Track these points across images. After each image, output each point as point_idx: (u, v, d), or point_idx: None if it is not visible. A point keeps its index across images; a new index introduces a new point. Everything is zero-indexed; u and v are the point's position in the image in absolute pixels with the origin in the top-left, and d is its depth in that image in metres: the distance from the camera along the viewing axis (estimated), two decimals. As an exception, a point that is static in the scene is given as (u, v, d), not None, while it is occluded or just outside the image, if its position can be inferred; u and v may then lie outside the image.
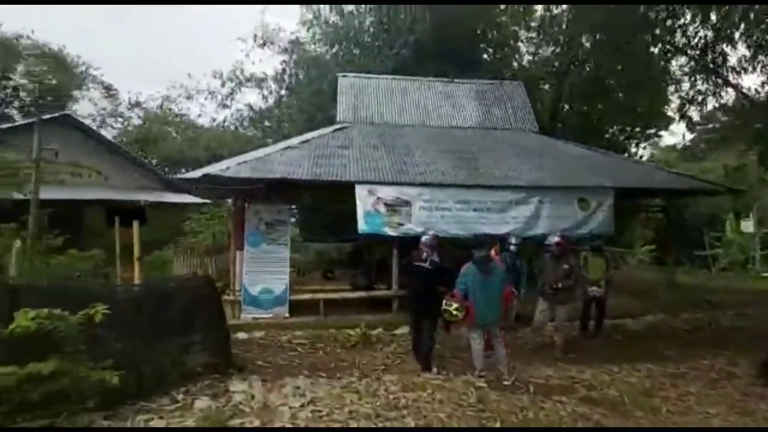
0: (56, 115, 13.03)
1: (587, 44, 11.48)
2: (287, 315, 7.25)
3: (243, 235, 7.40)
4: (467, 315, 4.34)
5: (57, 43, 26.01)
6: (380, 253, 8.68)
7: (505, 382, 4.37)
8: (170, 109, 20.86)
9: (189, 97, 17.80)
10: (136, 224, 5.72)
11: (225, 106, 18.57)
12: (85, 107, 26.74)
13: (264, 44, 17.46)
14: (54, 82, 25.30)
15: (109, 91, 28.86)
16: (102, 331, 3.02)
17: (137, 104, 28.68)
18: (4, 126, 12.97)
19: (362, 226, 6.72)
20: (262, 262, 7.38)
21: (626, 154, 15.34)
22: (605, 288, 6.21)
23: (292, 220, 12.43)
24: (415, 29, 13.43)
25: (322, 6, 15.82)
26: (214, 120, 19.04)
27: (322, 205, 10.19)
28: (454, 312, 4.21)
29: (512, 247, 6.43)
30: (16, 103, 26.30)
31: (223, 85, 18.02)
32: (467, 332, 4.77)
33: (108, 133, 23.05)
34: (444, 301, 4.29)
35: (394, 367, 5.01)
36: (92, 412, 2.93)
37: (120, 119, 27.62)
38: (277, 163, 7.14)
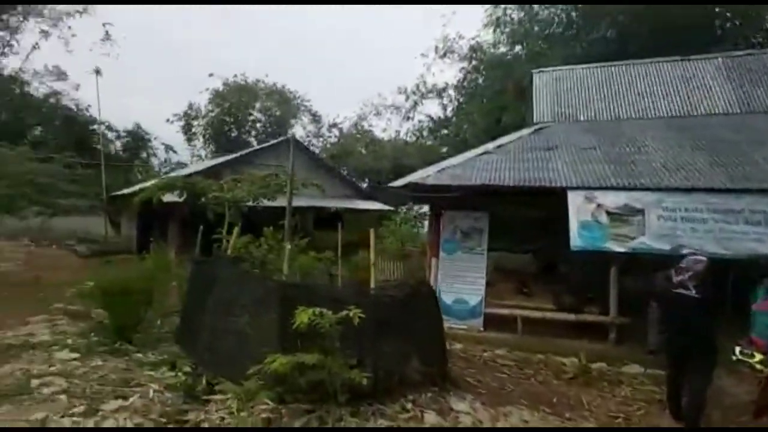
0: (283, 138, 15.98)
1: None
2: (482, 328, 6.88)
3: (439, 242, 7.40)
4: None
5: (281, 82, 32.54)
6: (582, 268, 7.47)
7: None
8: (362, 126, 23.34)
9: (377, 114, 19.50)
10: (370, 231, 6.22)
11: (408, 118, 19.74)
12: (298, 131, 32.73)
13: (444, 54, 17.83)
14: (278, 113, 31.98)
15: (314, 117, 34.80)
16: (348, 331, 3.19)
17: (334, 125, 33.69)
18: (249, 150, 16.65)
19: (575, 240, 5.79)
20: (457, 270, 7.22)
21: None
22: None
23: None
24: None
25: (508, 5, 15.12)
26: (398, 132, 20.37)
27: (508, 213, 9.54)
28: (758, 366, 3.01)
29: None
30: (253, 132, 33.97)
31: (406, 99, 19.25)
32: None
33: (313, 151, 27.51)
34: (738, 350, 3.13)
35: (638, 419, 4.00)
36: (342, 406, 3.09)
37: (321, 139, 32.98)
38: (476, 170, 6.88)
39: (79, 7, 25.29)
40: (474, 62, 17.82)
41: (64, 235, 20.67)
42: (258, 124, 32.81)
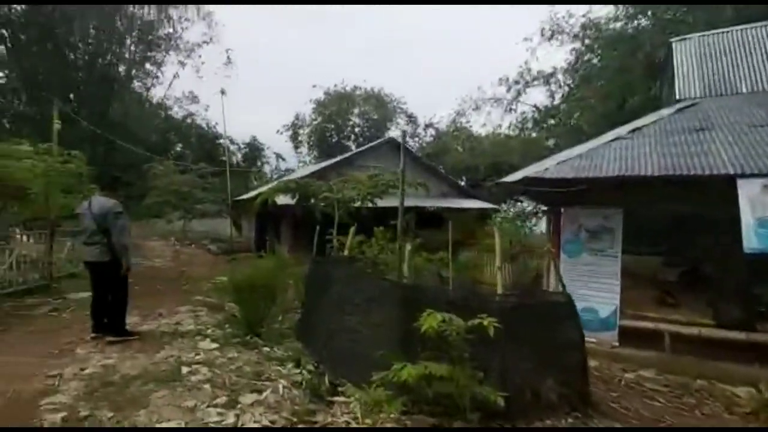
0: (383, 140, 16.21)
1: None
2: (616, 343, 5.94)
3: (559, 242, 6.63)
4: None
5: (378, 86, 33.41)
6: (742, 274, 5.98)
7: None
8: (459, 123, 22.65)
9: (476, 109, 18.69)
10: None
11: (510, 110, 18.56)
12: (394, 133, 33.24)
13: (552, 36, 16.31)
14: (375, 117, 32.93)
15: (410, 118, 35.07)
16: (476, 341, 2.87)
17: (430, 125, 33.55)
18: (351, 152, 17.20)
19: (751, 240, 4.60)
20: (583, 276, 6.36)
21: None
22: None
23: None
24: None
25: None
26: (499, 126, 19.27)
27: (645, 209, 8.15)
28: None
29: None
30: (352, 137, 35.41)
31: (508, 90, 18.11)
32: None
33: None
34: None
35: None
36: (471, 424, 2.78)
37: (416, 139, 33.07)
38: (605, 159, 5.97)
39: (207, 37, 29.24)
40: (587, 41, 16.00)
41: (199, 236, 23.97)
42: (356, 129, 34.22)
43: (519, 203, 28.54)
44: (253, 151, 33.22)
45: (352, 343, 3.92)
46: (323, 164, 17.04)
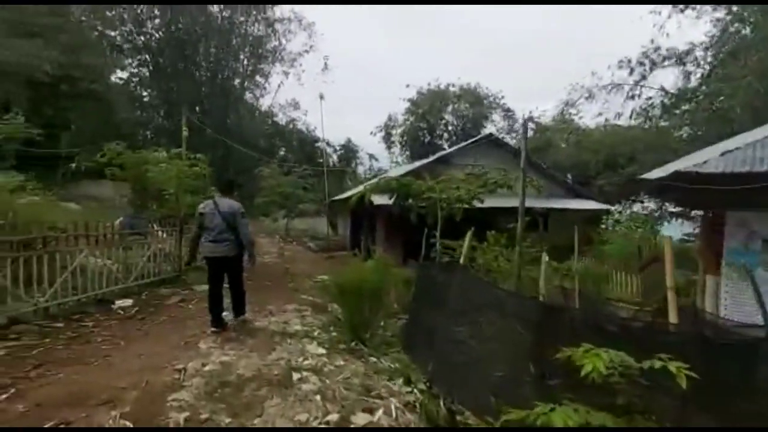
0: (481, 136, 15.35)
1: None
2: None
3: (717, 253, 5.33)
4: None
5: (474, 82, 32.23)
6: None
7: None
8: (568, 114, 20.53)
9: (590, 97, 16.67)
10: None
11: (632, 97, 16.18)
12: (489, 129, 31.76)
13: (687, 5, 13.76)
14: (469, 114, 31.85)
15: (507, 113, 33.20)
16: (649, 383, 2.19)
17: (530, 119, 31.34)
18: (447, 150, 16.62)
19: None
20: (751, 296, 4.99)
21: None
22: None
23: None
24: None
25: None
26: (619, 115, 16.94)
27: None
28: None
29: None
30: (445, 136, 34.68)
31: (630, 72, 15.79)
32: None
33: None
34: None
35: None
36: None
37: (514, 135, 31.13)
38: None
39: (307, 47, 31.19)
40: (735, 9, 13.19)
41: (299, 233, 25.59)
42: (450, 127, 33.50)
43: (639, 203, 25.12)
44: (348, 152, 34.58)
45: (467, 362, 3.47)
46: (418, 163, 16.74)
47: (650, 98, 16.23)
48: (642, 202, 26.34)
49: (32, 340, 4.06)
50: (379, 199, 12.92)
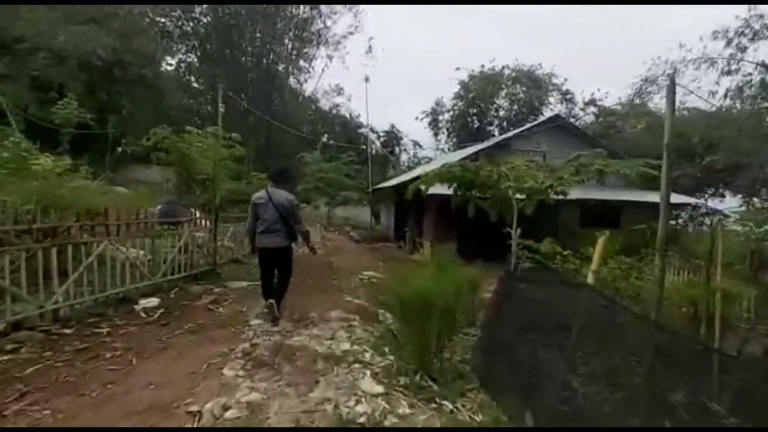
0: (548, 118, 13.72)
1: None
2: None
3: None
4: None
5: (530, 64, 29.86)
6: None
7: None
8: (647, 92, 18.07)
9: (675, 72, 14.37)
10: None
11: (728, 72, 13.77)
12: (545, 114, 29.39)
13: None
14: (525, 97, 29.56)
15: (565, 96, 30.56)
16: None
17: (591, 102, 28.61)
18: (506, 135, 15.06)
19: None
20: None
21: None
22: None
23: None
24: None
25: None
26: (712, 93, 14.54)
27: None
28: None
29: None
30: (495, 122, 32.59)
31: (728, 44, 13.38)
32: None
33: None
34: None
35: None
36: None
37: (573, 119, 28.54)
38: None
39: (352, 28, 30.09)
40: None
41: (341, 222, 24.95)
42: (501, 112, 31.36)
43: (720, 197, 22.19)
44: (392, 139, 33.38)
45: (595, 418, 2.35)
46: (474, 148, 15.31)
47: (749, 75, 13.73)
48: (723, 196, 23.27)
49: (32, 351, 3.36)
50: (433, 189, 11.78)
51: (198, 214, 8.21)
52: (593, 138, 14.05)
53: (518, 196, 5.75)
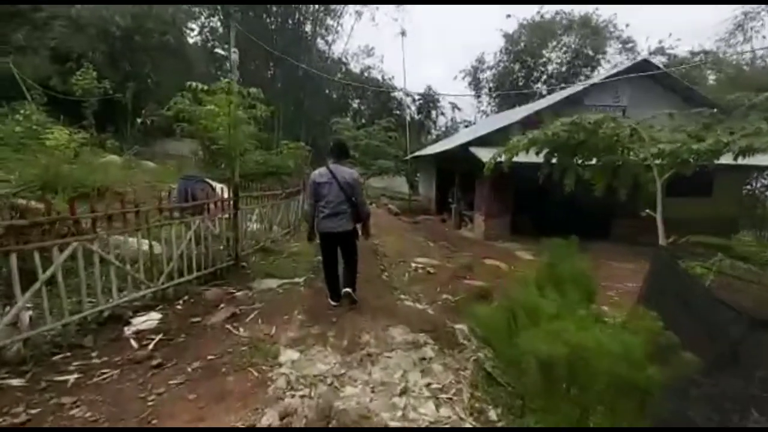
0: (634, 64, 11.36)
1: None
2: None
3: None
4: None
5: (589, 11, 26.23)
6: None
7: None
8: (743, 30, 14.96)
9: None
10: None
11: None
12: (604, 68, 26.00)
13: None
14: (577, 47, 26.13)
15: (625, 45, 26.84)
16: None
17: (659, 51, 24.92)
18: (574, 89, 12.77)
19: None
20: None
21: None
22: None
23: None
24: None
25: None
26: None
27: None
28: None
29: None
30: (543, 78, 29.32)
31: None
32: None
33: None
34: None
35: None
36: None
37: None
38: None
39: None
40: None
41: (376, 192, 23.46)
42: (550, 67, 28.04)
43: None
44: (428, 102, 30.87)
45: None
46: (531, 107, 13.13)
47: None
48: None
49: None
50: (488, 157, 9.98)
51: (224, 192, 6.89)
52: (691, 90, 11.47)
53: (655, 162, 4.02)
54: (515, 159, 5.19)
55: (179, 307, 3.90)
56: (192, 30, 27.03)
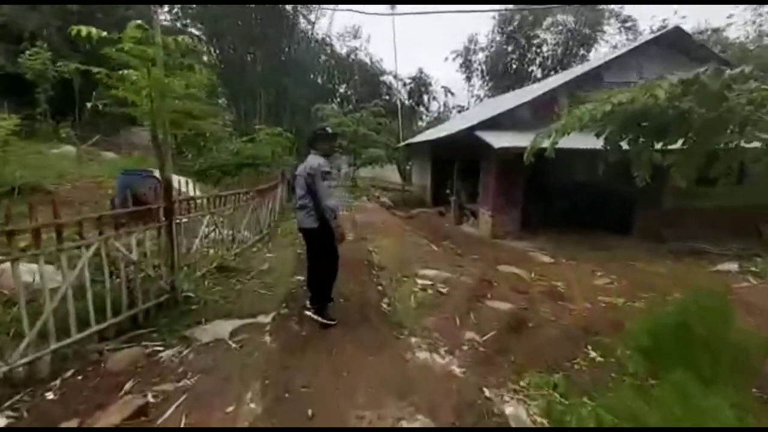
0: (667, 30, 9.97)
1: None
2: None
3: None
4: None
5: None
6: None
7: None
8: None
9: None
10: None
11: None
12: (602, 47, 24.66)
13: None
14: (573, 27, 24.70)
15: (624, 24, 25.50)
16: None
17: (663, 29, 23.67)
18: (598, 63, 11.36)
19: None
20: None
21: None
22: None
23: None
24: None
25: None
26: None
27: None
28: None
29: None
30: (538, 60, 27.86)
31: None
32: None
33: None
34: None
35: None
36: None
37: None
38: None
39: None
40: None
41: (365, 183, 21.91)
42: (545, 48, 26.58)
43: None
44: (419, 85, 29.15)
45: None
46: (556, 82, 11.64)
47: None
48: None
49: None
50: (499, 142, 8.58)
51: (192, 188, 5.29)
52: (722, 59, 10.15)
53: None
54: (542, 145, 3.83)
55: (50, 395, 2.35)
56: (161, 6, 24.67)
